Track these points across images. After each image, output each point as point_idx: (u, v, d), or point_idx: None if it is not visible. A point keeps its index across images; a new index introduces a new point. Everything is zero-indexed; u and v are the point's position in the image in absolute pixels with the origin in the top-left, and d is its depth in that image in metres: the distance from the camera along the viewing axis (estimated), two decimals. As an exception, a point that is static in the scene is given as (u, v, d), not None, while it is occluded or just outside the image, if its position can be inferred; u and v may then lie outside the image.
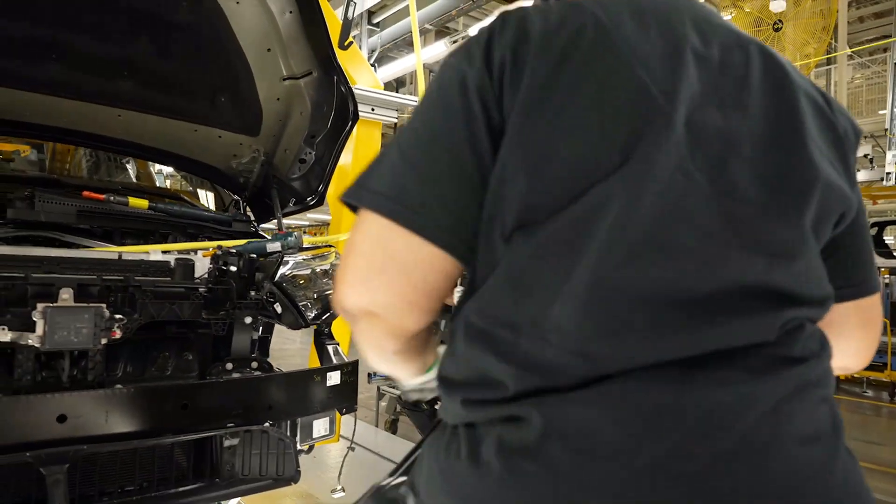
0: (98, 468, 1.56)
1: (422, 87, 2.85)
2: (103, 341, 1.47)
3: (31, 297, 1.48)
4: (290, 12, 2.16)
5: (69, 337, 1.41)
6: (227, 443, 1.68)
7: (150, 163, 3.47)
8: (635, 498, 0.52)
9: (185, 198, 3.00)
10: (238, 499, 2.24)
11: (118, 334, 1.49)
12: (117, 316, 1.51)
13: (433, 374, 0.79)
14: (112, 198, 2.20)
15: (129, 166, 3.48)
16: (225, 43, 2.18)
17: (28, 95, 2.15)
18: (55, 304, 1.42)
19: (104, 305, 1.49)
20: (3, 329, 1.41)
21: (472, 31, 5.07)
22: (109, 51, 2.14)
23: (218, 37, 2.16)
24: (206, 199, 3.43)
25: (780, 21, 4.78)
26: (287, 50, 2.27)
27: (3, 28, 1.97)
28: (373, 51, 5.03)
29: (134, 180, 3.43)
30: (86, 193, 2.18)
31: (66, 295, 1.49)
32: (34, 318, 1.41)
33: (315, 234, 15.93)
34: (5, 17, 1.94)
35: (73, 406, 1.40)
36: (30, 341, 1.42)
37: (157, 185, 3.64)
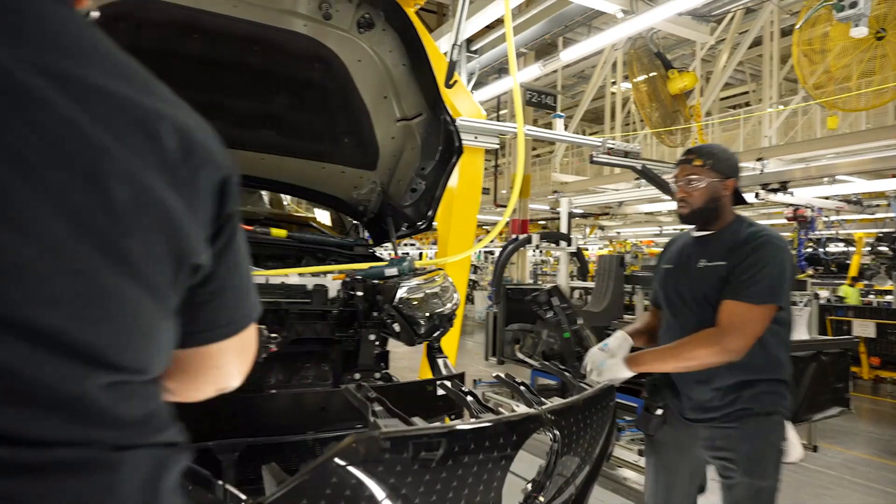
0: (258, 458, 1.92)
1: (519, 110, 3.05)
2: (263, 355, 1.83)
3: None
4: (404, 64, 2.45)
5: None
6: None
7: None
8: None
9: (313, 223, 3.42)
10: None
11: (274, 349, 1.85)
12: (272, 334, 1.87)
13: None
14: (257, 229, 2.62)
15: (264, 195, 3.98)
16: (349, 95, 2.52)
17: (193, 147, 2.61)
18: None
19: (264, 326, 1.84)
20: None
21: (568, 53, 5.15)
22: (256, 107, 2.55)
23: (343, 90, 2.50)
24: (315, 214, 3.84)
25: (882, 29, 4.49)
26: (400, 96, 2.58)
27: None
28: (471, 75, 5.31)
29: (268, 205, 3.92)
30: (236, 225, 2.61)
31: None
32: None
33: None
34: (178, 87, 2.39)
35: (242, 407, 1.77)
36: (209, 354, 1.79)
37: (284, 206, 4.13)
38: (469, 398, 1.84)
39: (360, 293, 2.20)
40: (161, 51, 2.23)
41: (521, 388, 1.88)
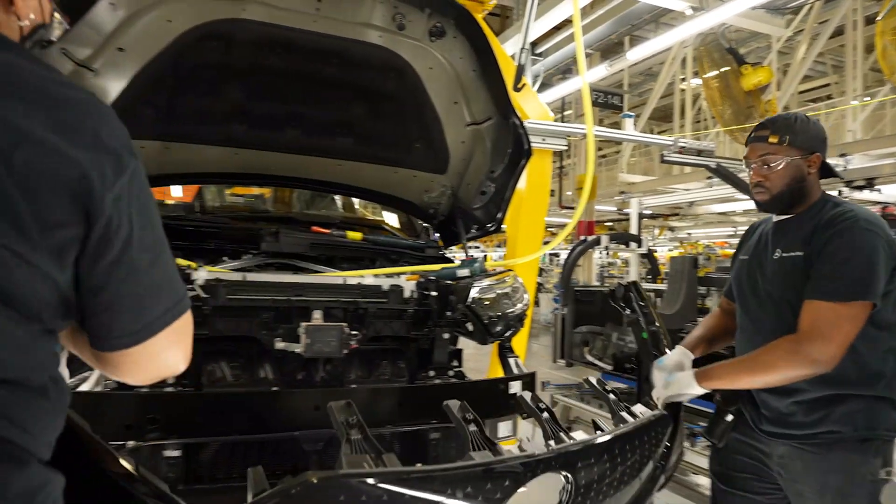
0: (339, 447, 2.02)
1: (588, 111, 3.04)
2: (345, 351, 1.93)
3: (294, 317, 1.99)
4: (474, 70, 2.51)
5: (323, 348, 1.88)
6: (431, 436, 2.06)
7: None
8: None
9: (384, 226, 3.53)
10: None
11: (355, 346, 1.95)
12: (353, 332, 1.97)
13: None
14: (334, 232, 2.74)
15: (336, 199, 4.13)
16: (420, 102, 2.60)
17: (275, 155, 2.77)
18: (313, 323, 1.91)
19: (345, 324, 1.94)
20: (279, 340, 1.92)
21: (635, 52, 5.10)
22: (332, 117, 2.68)
23: (415, 97, 2.59)
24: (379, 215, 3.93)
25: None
26: (470, 101, 2.63)
27: (259, 107, 2.58)
28: (536, 77, 5.32)
29: (340, 209, 4.06)
30: (314, 228, 2.74)
31: (317, 315, 1.97)
32: (299, 333, 1.90)
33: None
34: (263, 99, 2.54)
35: (324, 399, 1.87)
36: (296, 349, 1.91)
37: (355, 210, 4.27)
38: (545, 415, 1.72)
39: (433, 293, 2.28)
40: (248, 66, 2.38)
41: (610, 396, 1.85)
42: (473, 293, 2.30)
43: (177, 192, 3.47)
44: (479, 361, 3.76)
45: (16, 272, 0.72)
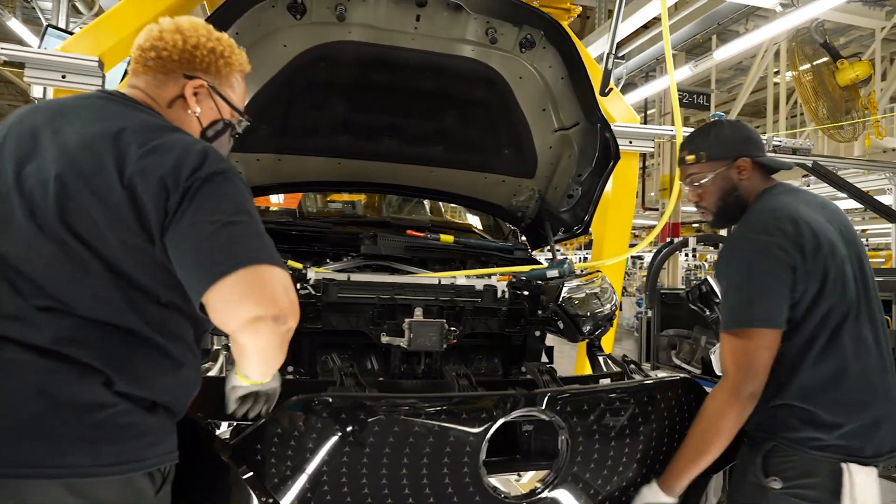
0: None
1: (677, 112, 3.04)
2: (445, 346, 2.07)
3: (397, 314, 2.15)
4: (562, 78, 2.60)
5: (425, 342, 2.03)
6: (524, 428, 2.16)
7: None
8: None
9: (473, 229, 3.67)
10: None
11: (454, 341, 2.09)
12: (452, 328, 2.11)
13: None
14: (428, 235, 2.91)
15: (425, 203, 4.31)
16: (510, 110, 2.72)
17: (374, 164, 2.97)
18: (416, 319, 2.06)
19: (444, 321, 2.09)
20: (384, 334, 2.09)
21: (721, 52, 4.99)
22: (427, 127, 2.84)
23: (505, 106, 2.71)
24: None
25: None
26: (558, 107, 2.72)
27: (361, 120, 2.78)
28: (619, 79, 5.31)
29: (429, 213, 4.23)
30: (409, 232, 2.91)
31: (418, 312, 2.12)
32: (403, 328, 2.06)
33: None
34: (364, 113, 2.74)
35: (424, 390, 2.02)
36: (400, 343, 2.07)
37: (442, 214, 4.44)
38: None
39: (525, 293, 2.39)
40: (352, 83, 2.59)
41: None
42: (564, 293, 2.39)
43: (280, 199, 3.77)
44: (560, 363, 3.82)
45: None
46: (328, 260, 2.78)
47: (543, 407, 1.56)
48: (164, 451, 1.11)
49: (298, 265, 2.27)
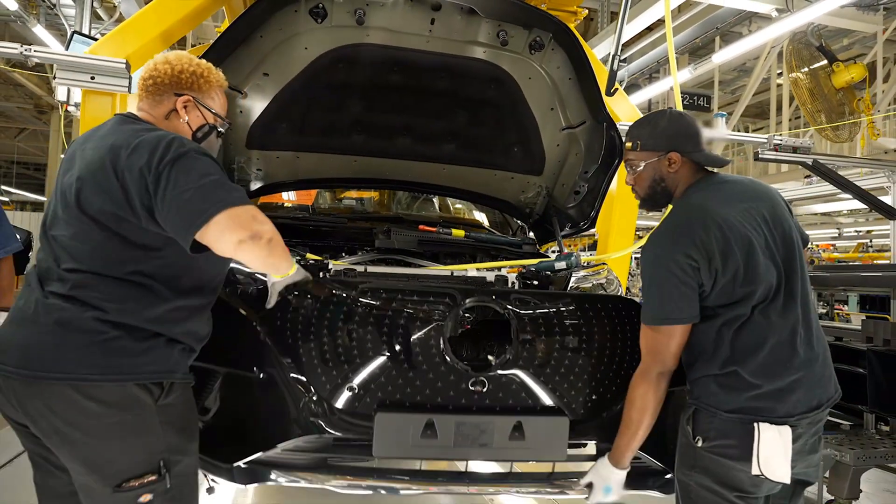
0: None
1: (679, 108, 3.12)
2: (459, 331, 2.18)
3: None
4: (570, 78, 2.71)
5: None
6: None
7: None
8: None
9: (481, 225, 3.78)
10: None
11: (468, 327, 2.19)
12: (466, 314, 2.21)
13: None
14: (440, 230, 3.02)
15: (434, 200, 4.43)
16: (519, 109, 2.83)
17: (387, 161, 3.09)
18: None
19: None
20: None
21: (721, 55, 5.10)
22: (439, 125, 2.96)
23: (514, 105, 2.82)
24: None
25: None
26: (566, 106, 2.83)
27: (376, 119, 2.90)
28: (621, 81, 5.43)
29: (437, 210, 4.35)
30: (422, 227, 3.03)
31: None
32: (420, 315, 2.16)
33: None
34: (379, 112, 2.86)
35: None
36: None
37: (451, 210, 4.55)
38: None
39: (535, 282, 2.49)
40: (368, 83, 2.71)
41: None
42: (571, 283, 2.50)
43: (293, 196, 3.89)
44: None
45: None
46: (343, 254, 2.89)
47: (494, 298, 2.01)
48: (154, 369, 1.46)
49: (319, 258, 2.39)
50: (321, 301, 1.88)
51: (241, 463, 1.81)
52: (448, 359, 1.86)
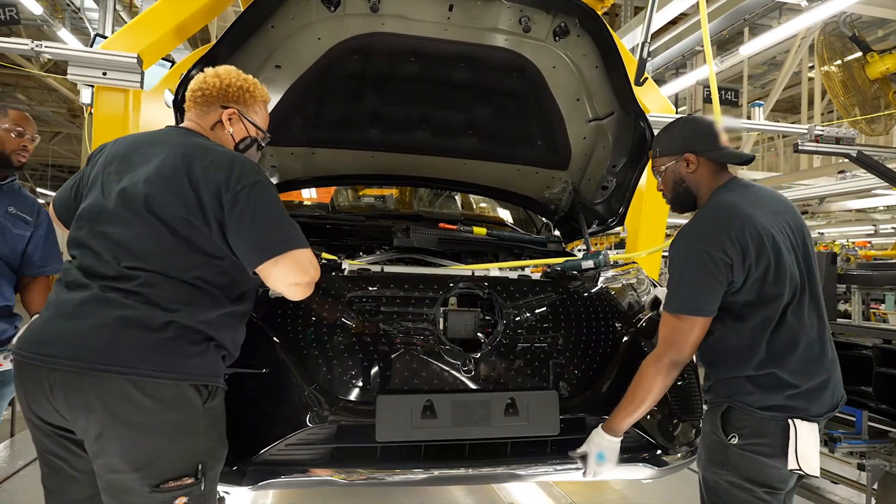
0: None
1: (717, 102, 2.95)
2: (479, 334, 2.06)
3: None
4: (597, 66, 2.56)
5: (461, 331, 2.03)
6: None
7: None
8: None
9: (504, 222, 3.65)
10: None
11: (488, 330, 2.07)
12: (487, 316, 2.09)
13: None
14: (461, 228, 2.89)
15: (456, 197, 4.30)
16: (543, 100, 2.69)
17: (405, 156, 2.97)
18: (450, 308, 2.06)
19: (479, 309, 2.08)
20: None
21: (748, 47, 4.90)
22: (459, 118, 2.83)
23: (538, 96, 2.67)
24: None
25: None
26: (592, 97, 2.68)
27: (393, 112, 2.78)
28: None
29: (460, 207, 4.22)
30: (442, 225, 2.90)
31: (453, 301, 2.11)
32: (438, 318, 2.05)
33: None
34: (396, 105, 2.74)
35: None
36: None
37: (473, 207, 4.42)
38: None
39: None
40: (384, 74, 2.59)
41: None
42: (600, 283, 2.35)
43: (312, 193, 3.80)
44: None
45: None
46: (361, 253, 2.79)
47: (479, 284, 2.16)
48: (205, 372, 1.50)
49: (333, 257, 2.29)
50: (317, 293, 1.87)
51: (246, 464, 1.81)
52: (442, 340, 1.99)
